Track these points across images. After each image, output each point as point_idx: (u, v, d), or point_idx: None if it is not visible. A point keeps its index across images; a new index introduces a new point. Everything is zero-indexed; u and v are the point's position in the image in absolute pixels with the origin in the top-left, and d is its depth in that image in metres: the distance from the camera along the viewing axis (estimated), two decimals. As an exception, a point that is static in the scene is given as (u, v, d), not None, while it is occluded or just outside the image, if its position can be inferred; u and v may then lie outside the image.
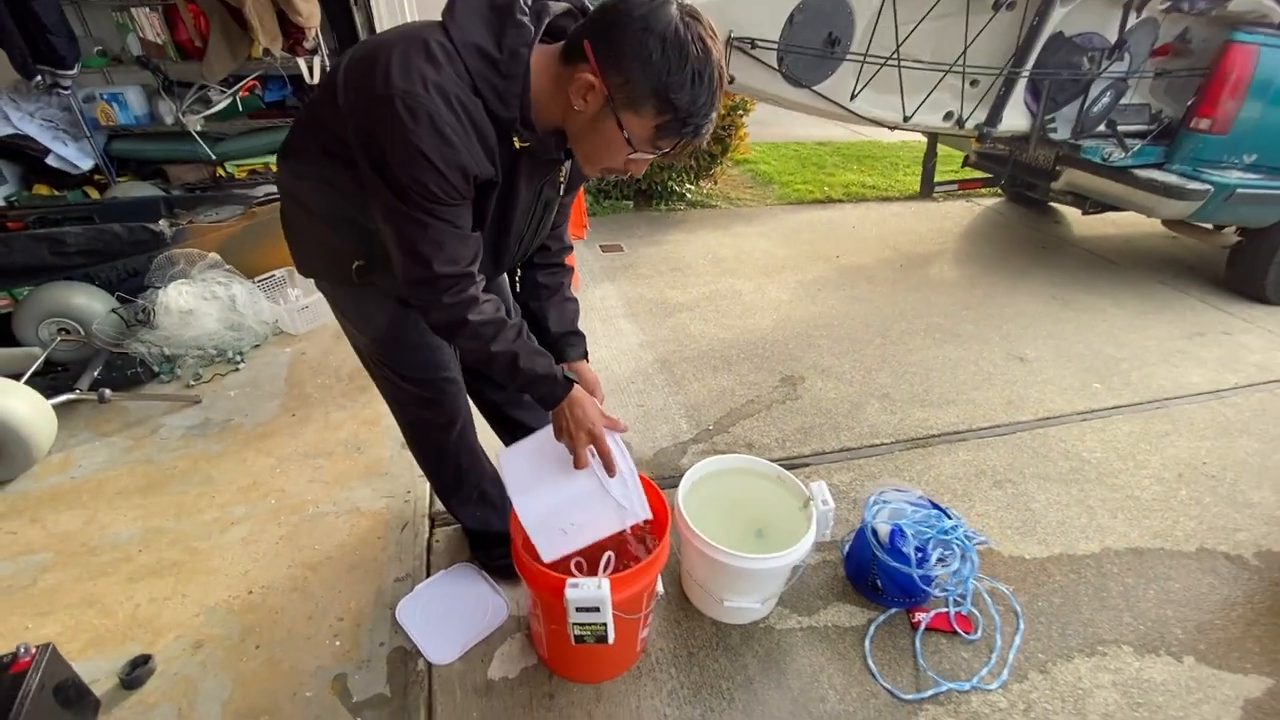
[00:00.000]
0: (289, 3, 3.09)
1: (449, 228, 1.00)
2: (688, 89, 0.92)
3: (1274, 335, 3.14)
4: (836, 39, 2.41)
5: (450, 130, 0.92)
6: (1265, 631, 1.69)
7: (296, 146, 1.13)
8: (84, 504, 1.91)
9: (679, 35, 0.89)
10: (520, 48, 0.95)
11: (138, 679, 1.43)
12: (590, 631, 1.22)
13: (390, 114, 0.90)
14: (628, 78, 0.92)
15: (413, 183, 0.94)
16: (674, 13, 0.90)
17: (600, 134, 0.99)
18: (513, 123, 0.98)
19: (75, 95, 3.31)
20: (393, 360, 1.35)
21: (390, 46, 0.93)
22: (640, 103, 0.94)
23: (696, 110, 0.95)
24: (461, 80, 0.93)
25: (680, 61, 0.90)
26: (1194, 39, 3.12)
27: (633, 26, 0.90)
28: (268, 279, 2.86)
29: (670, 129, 0.97)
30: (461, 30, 0.94)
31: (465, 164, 0.95)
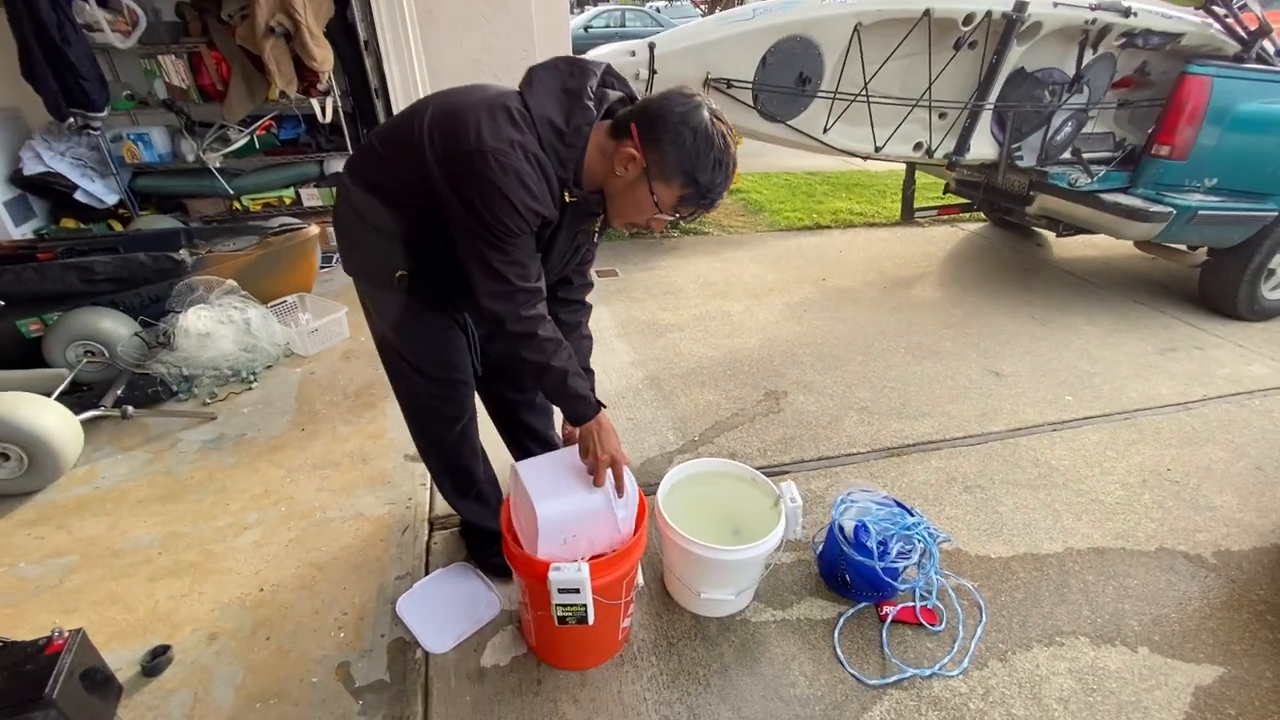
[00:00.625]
0: (304, 49, 3.33)
1: (523, 253, 1.23)
2: (709, 172, 1.19)
3: (1244, 349, 3.26)
4: (807, 78, 2.60)
5: (530, 181, 1.15)
6: (1219, 625, 1.78)
7: (367, 174, 1.34)
8: (107, 511, 2.05)
9: (708, 131, 1.17)
10: (583, 125, 1.20)
11: (157, 667, 1.55)
12: (572, 612, 1.33)
13: (483, 166, 1.12)
14: (663, 155, 1.18)
15: (498, 221, 1.16)
16: (706, 115, 1.18)
17: (633, 196, 1.24)
18: (567, 181, 1.23)
19: (104, 135, 3.55)
20: (413, 358, 1.51)
21: (475, 109, 1.17)
22: (670, 176, 1.20)
23: (714, 188, 1.22)
24: (534, 141, 1.17)
25: (707, 150, 1.17)
26: (1153, 71, 3.32)
27: (673, 119, 1.16)
28: (280, 304, 3.03)
29: (691, 199, 1.23)
30: (538, 104, 1.19)
31: (538, 208, 1.18)
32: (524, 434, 1.85)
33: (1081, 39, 2.94)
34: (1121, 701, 1.56)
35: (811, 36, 2.57)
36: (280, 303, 3.04)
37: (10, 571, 1.83)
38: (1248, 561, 1.98)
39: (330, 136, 3.98)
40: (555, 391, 1.35)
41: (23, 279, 2.57)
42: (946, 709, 1.53)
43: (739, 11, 2.52)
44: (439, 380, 1.54)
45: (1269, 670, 1.65)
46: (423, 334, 1.48)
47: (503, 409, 1.83)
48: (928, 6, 2.62)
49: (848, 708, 1.52)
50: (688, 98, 1.19)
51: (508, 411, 1.82)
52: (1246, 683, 1.62)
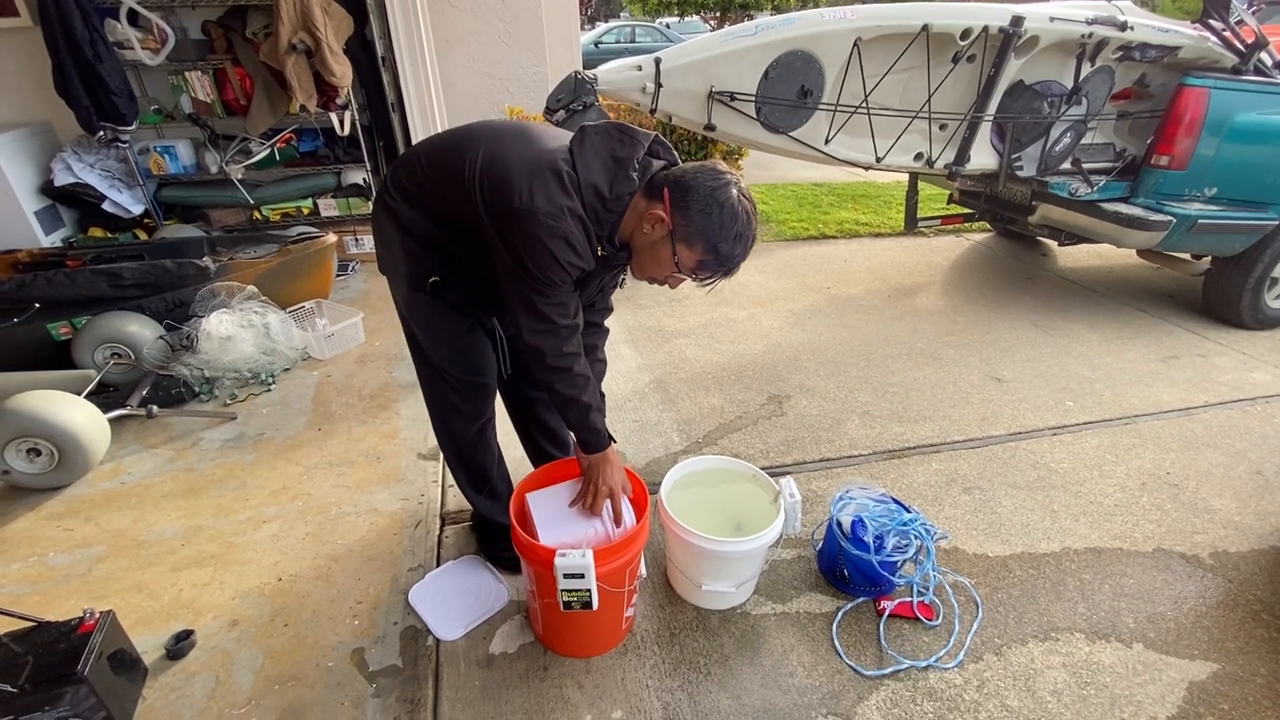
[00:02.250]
0: (324, 65, 3.46)
1: (565, 295, 1.36)
2: (730, 243, 1.30)
3: (1247, 357, 3.28)
4: (809, 90, 2.68)
5: (576, 243, 1.28)
6: (1214, 623, 1.80)
7: (410, 187, 1.42)
8: (133, 505, 2.13)
9: (734, 207, 1.28)
10: (625, 195, 1.32)
11: (181, 651, 1.62)
12: (577, 598, 1.39)
13: (534, 226, 1.24)
14: (690, 222, 1.28)
15: (544, 274, 1.29)
16: (734, 192, 1.29)
17: (656, 254, 1.35)
18: (603, 239, 1.35)
19: (132, 148, 3.69)
20: (438, 358, 1.60)
21: (526, 168, 1.27)
22: (694, 242, 1.30)
23: (733, 258, 1.33)
24: (579, 205, 1.29)
25: (731, 224, 1.28)
26: (1152, 83, 3.37)
27: (704, 191, 1.27)
28: (298, 309, 3.13)
29: (709, 266, 1.33)
30: (586, 169, 1.29)
31: (580, 264, 1.31)
32: (538, 430, 1.93)
33: (1079, 52, 3.01)
34: (1115, 695, 1.59)
35: (813, 51, 2.65)
36: (298, 308, 3.14)
37: (41, 561, 1.91)
38: (1245, 563, 2.00)
39: (348, 149, 4.10)
40: (577, 423, 1.51)
41: (54, 284, 2.69)
42: (942, 699, 1.56)
43: (742, 27, 2.61)
44: (462, 381, 1.63)
45: (1263, 668, 1.67)
46: (449, 337, 1.57)
47: (521, 405, 1.90)
48: (926, 22, 2.69)
49: (845, 697, 1.56)
50: (720, 174, 1.30)
51: (525, 407, 1.90)
52: (1240, 679, 1.64)
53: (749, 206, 1.31)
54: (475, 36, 4.24)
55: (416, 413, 2.62)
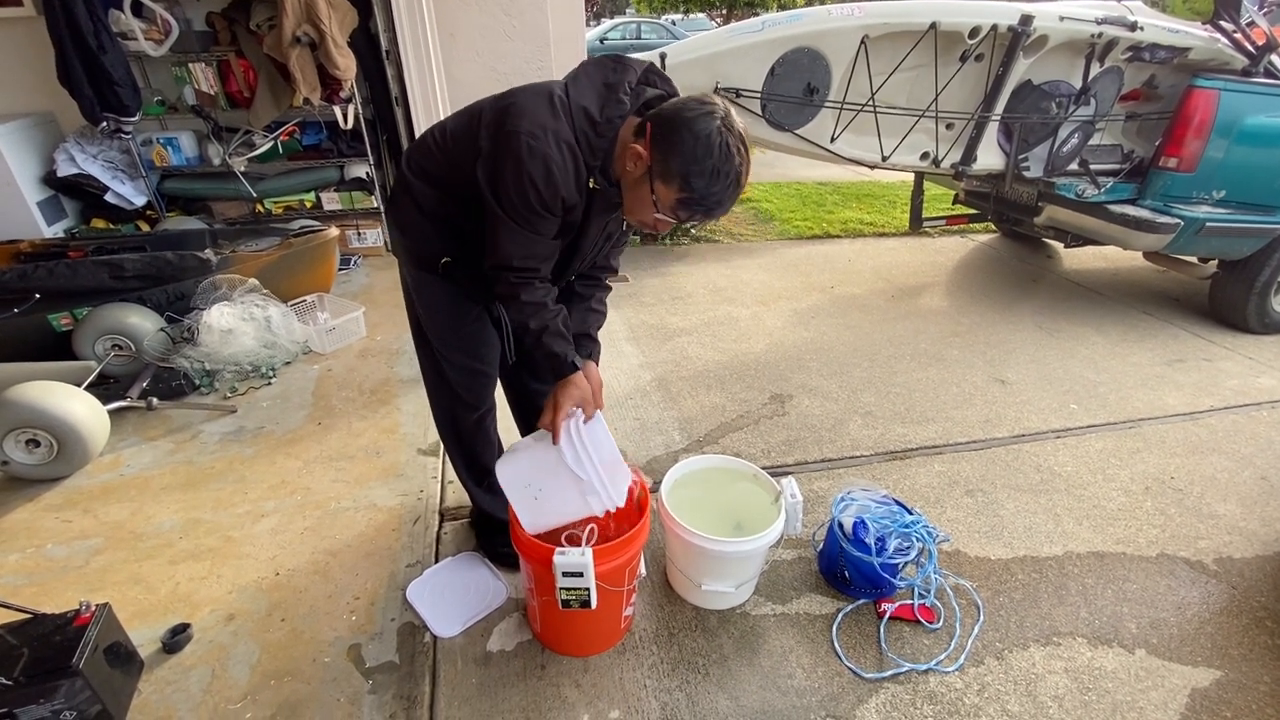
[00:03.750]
0: (329, 58, 3.45)
1: (532, 234, 1.29)
2: (705, 178, 1.20)
3: (1254, 362, 3.25)
4: (815, 88, 2.66)
5: (555, 167, 1.22)
6: (1218, 629, 1.79)
7: (423, 163, 1.42)
8: (131, 498, 2.12)
9: (710, 138, 1.17)
10: (615, 118, 1.26)
11: (177, 644, 1.61)
12: (575, 596, 1.38)
13: (515, 146, 1.20)
14: (666, 157, 1.20)
15: (519, 198, 1.23)
16: (714, 123, 1.18)
17: (638, 193, 1.28)
18: (594, 169, 1.29)
19: (134, 139, 3.68)
20: (442, 343, 1.60)
21: (523, 95, 1.26)
22: (669, 178, 1.21)
23: (709, 196, 1.22)
24: (569, 129, 1.24)
25: (705, 157, 1.18)
26: (1161, 85, 3.35)
27: (679, 123, 1.19)
28: (300, 303, 3.12)
29: (687, 204, 1.24)
30: (578, 94, 1.26)
31: (559, 193, 1.25)
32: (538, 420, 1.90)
33: (1088, 52, 2.98)
34: (1117, 701, 1.58)
35: (819, 48, 2.63)
36: (300, 302, 3.13)
37: (39, 552, 1.90)
38: (1249, 569, 1.99)
39: (351, 143, 4.09)
40: (533, 349, 1.42)
41: (55, 275, 2.68)
42: (942, 703, 1.55)
43: (749, 23, 2.59)
44: (464, 369, 1.62)
45: (1267, 675, 1.66)
46: (455, 321, 1.57)
47: (521, 396, 1.88)
48: (934, 20, 2.67)
49: (844, 699, 1.55)
50: (702, 104, 1.21)
51: (526, 399, 1.88)
52: (1244, 686, 1.63)
53: (734, 140, 1.19)
54: (480, 31, 4.22)
55: (417, 408, 2.61)
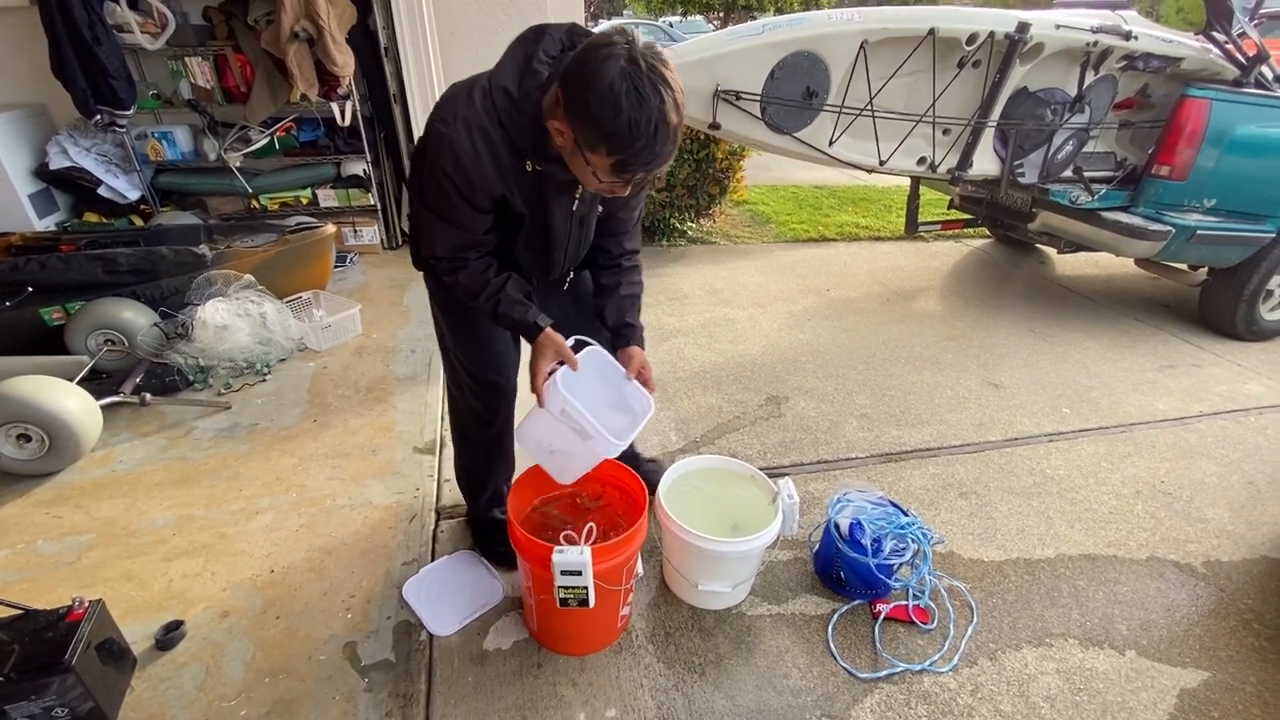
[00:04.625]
0: (326, 54, 3.44)
1: (452, 227, 1.29)
2: (624, 136, 1.05)
3: (1242, 368, 3.29)
4: (814, 91, 2.68)
5: (464, 155, 1.17)
6: (1206, 631, 1.81)
7: None
8: (124, 494, 2.11)
9: (613, 90, 1.01)
10: (532, 90, 1.16)
11: (171, 641, 1.60)
12: (573, 594, 1.39)
13: (428, 137, 1.20)
14: (580, 123, 1.08)
15: (432, 188, 1.23)
16: (613, 69, 1.01)
17: (577, 165, 1.17)
18: (527, 151, 1.21)
19: (129, 133, 3.65)
20: (460, 353, 1.61)
21: (454, 88, 1.22)
22: (592, 145, 1.10)
23: (637, 154, 1.08)
24: (489, 114, 1.17)
25: (614, 114, 1.03)
26: (1154, 94, 3.39)
27: (579, 80, 1.05)
28: (295, 300, 3.10)
29: (621, 167, 1.12)
30: (499, 75, 1.19)
31: (473, 181, 1.20)
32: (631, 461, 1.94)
33: (1083, 61, 3.01)
34: (1107, 701, 1.59)
35: (819, 52, 2.64)
36: (296, 298, 3.11)
37: (30, 548, 1.89)
38: (1237, 572, 2.01)
39: (348, 140, 4.07)
40: (496, 322, 1.42)
41: (48, 268, 2.66)
42: (935, 703, 1.56)
43: (749, 26, 2.60)
44: (479, 379, 1.62)
45: (1254, 676, 1.68)
46: (472, 325, 1.57)
47: None
48: (933, 26, 2.69)
49: (839, 699, 1.56)
50: (600, 48, 1.04)
51: None
52: (1231, 687, 1.65)
53: (642, 77, 1.02)
54: (479, 29, 4.22)
55: (413, 406, 2.61)
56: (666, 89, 1.05)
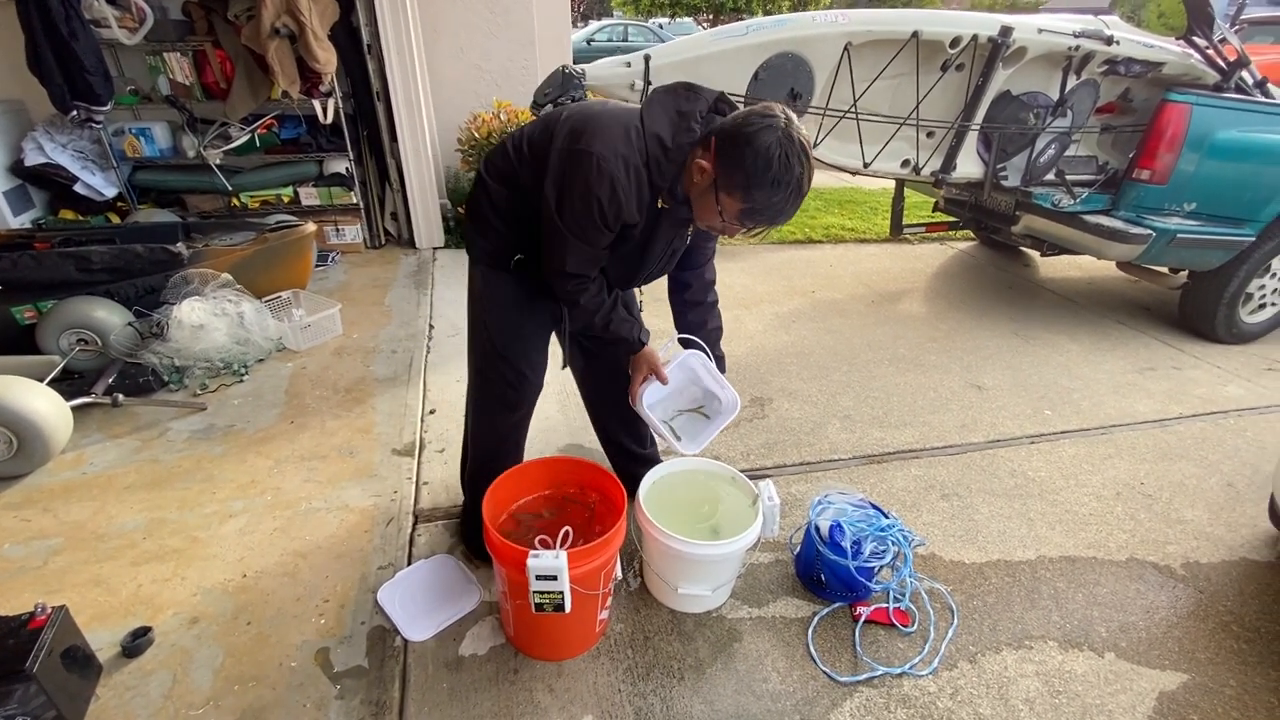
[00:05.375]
0: (308, 50, 3.39)
1: (587, 247, 1.41)
2: (766, 190, 1.27)
3: (1221, 370, 3.33)
4: (799, 93, 2.68)
5: (620, 189, 1.31)
6: (1185, 633, 1.82)
7: (502, 169, 1.51)
8: (93, 497, 2.06)
9: (769, 152, 1.24)
10: (685, 144, 1.35)
11: (138, 648, 1.56)
12: (549, 600, 1.36)
13: (587, 165, 1.30)
14: (729, 170, 1.29)
15: (583, 213, 1.33)
16: (772, 137, 1.25)
17: (705, 202, 1.37)
18: (661, 189, 1.39)
19: (106, 129, 3.59)
20: (502, 340, 1.66)
21: (601, 119, 1.35)
22: (732, 190, 1.30)
23: (769, 207, 1.30)
24: (639, 155, 1.33)
25: (764, 170, 1.25)
26: (1135, 98, 3.42)
27: (741, 137, 1.26)
28: (275, 299, 3.06)
29: (749, 214, 1.33)
30: (652, 121, 1.34)
31: (620, 213, 1.35)
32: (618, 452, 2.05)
33: (1065, 65, 3.03)
34: (1086, 704, 1.59)
35: (803, 54, 2.64)
36: (275, 298, 3.07)
37: (-6, 552, 1.84)
38: (1216, 573, 2.02)
39: (331, 138, 4.03)
40: (604, 337, 1.63)
41: (19, 266, 2.60)
42: (915, 707, 1.56)
43: (733, 27, 2.59)
44: (514, 366, 1.67)
45: (1232, 679, 1.69)
46: (519, 320, 1.64)
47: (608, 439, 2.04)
48: (916, 29, 2.70)
49: (818, 703, 1.55)
50: (763, 117, 1.26)
51: (613, 441, 2.02)
52: (1210, 690, 1.65)
53: (794, 151, 1.25)
54: (464, 28, 4.19)
55: (392, 408, 2.57)
56: (807, 164, 1.28)
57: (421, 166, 4.07)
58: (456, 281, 3.78)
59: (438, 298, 3.65)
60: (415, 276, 3.92)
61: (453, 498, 2.12)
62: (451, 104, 4.30)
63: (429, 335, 3.21)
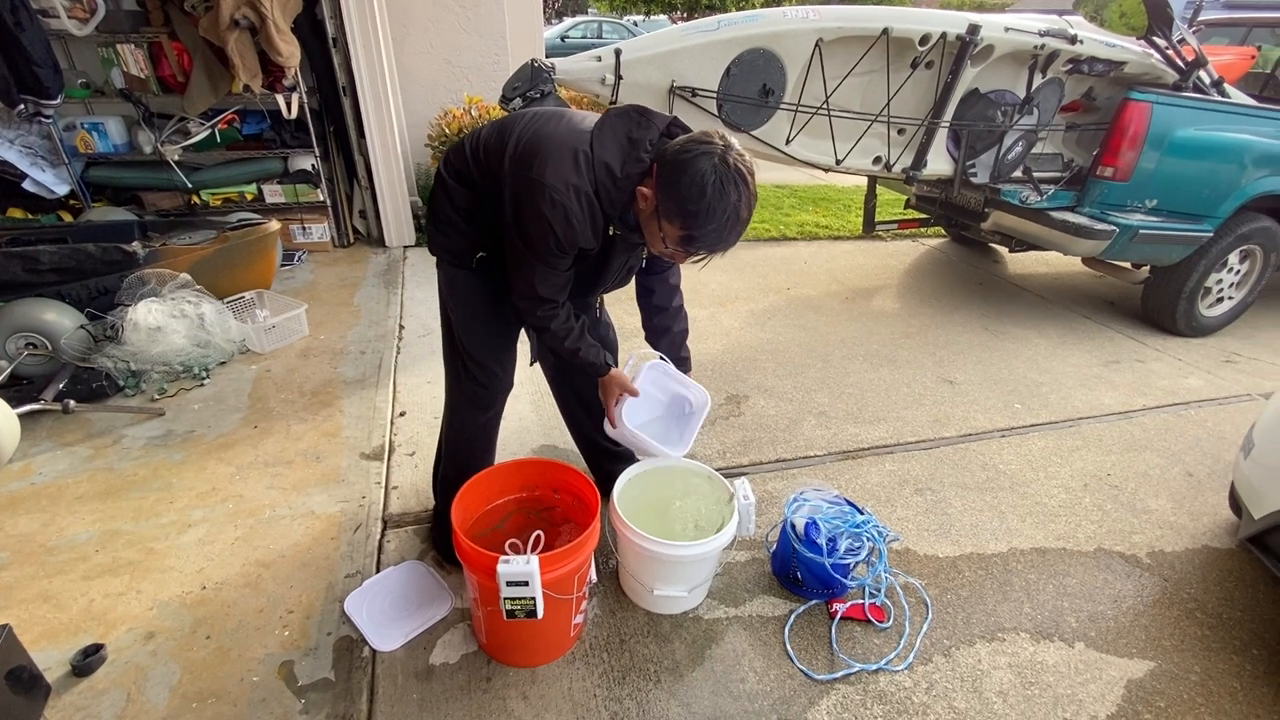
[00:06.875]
0: (270, 43, 3.29)
1: (552, 271, 1.42)
2: (701, 218, 1.26)
3: (1182, 363, 3.41)
4: (771, 90, 2.67)
5: (574, 219, 1.31)
6: (1151, 621, 1.85)
7: (460, 168, 1.51)
8: (43, 508, 1.97)
9: (703, 179, 1.23)
10: (634, 174, 1.34)
11: (89, 666, 1.49)
12: (520, 606, 1.33)
13: (539, 196, 1.30)
14: (667, 197, 1.29)
15: (540, 242, 1.35)
16: (708, 164, 1.24)
17: (650, 229, 1.37)
18: (613, 218, 1.39)
19: (56, 124, 3.44)
20: (468, 339, 1.65)
21: (551, 143, 1.33)
22: (670, 217, 1.30)
23: (707, 234, 1.29)
24: (591, 184, 1.32)
25: (698, 198, 1.24)
26: (1099, 97, 3.49)
27: (677, 165, 1.26)
28: (237, 300, 2.96)
29: (688, 242, 1.32)
30: (603, 149, 1.33)
31: (576, 240, 1.35)
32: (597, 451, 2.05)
33: (1031, 63, 3.08)
34: (1058, 694, 1.61)
35: (774, 50, 2.63)
36: (237, 299, 2.97)
37: (-67, 569, 1.74)
38: (1180, 562, 2.07)
39: (296, 133, 3.92)
40: (572, 361, 1.62)
41: (-39, 267, 2.48)
42: (891, 703, 1.56)
43: (705, 22, 2.58)
44: (481, 364, 1.67)
45: (1197, 665, 1.72)
46: (485, 318, 1.63)
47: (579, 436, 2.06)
48: (886, 25, 2.71)
49: (795, 702, 1.54)
50: (700, 144, 1.25)
51: (585, 439, 2.04)
52: (1176, 676, 1.68)
53: (730, 177, 1.24)
54: (434, 22, 4.11)
55: (361, 410, 2.51)
56: (745, 190, 1.27)
57: (390, 163, 3.98)
58: (427, 280, 3.71)
59: (408, 297, 3.58)
60: (385, 275, 3.84)
61: (423, 502, 2.07)
62: (421, 99, 4.22)
63: (399, 336, 3.14)
